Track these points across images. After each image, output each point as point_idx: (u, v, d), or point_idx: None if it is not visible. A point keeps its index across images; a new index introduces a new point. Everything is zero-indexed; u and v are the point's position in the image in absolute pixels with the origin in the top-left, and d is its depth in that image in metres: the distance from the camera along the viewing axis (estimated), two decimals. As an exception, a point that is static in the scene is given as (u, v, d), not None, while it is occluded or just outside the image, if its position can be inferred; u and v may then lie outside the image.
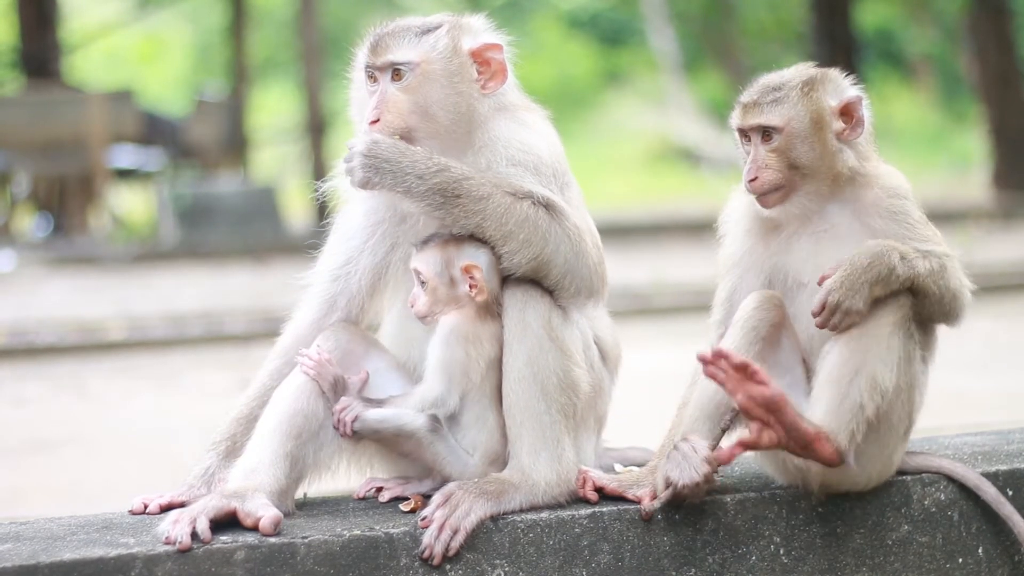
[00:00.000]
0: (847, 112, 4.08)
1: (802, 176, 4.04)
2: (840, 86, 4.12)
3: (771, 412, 3.82)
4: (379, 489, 4.11)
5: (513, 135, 4.08)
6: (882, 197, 4.08)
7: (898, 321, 3.98)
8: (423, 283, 4.02)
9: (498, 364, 4.00)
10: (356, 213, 4.19)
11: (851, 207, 4.08)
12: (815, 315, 3.95)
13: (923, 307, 4.04)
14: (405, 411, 3.98)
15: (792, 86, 4.07)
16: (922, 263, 3.99)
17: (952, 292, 4.04)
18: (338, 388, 4.02)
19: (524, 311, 3.97)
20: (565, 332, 4.00)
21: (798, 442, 3.87)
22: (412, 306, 4.04)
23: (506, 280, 4.00)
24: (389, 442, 4.02)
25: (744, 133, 4.09)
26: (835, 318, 3.93)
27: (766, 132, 4.05)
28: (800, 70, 4.15)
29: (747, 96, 4.10)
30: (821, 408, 3.94)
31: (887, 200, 4.07)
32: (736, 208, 4.21)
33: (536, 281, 3.98)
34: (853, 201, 4.08)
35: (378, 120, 4.03)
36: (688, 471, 3.88)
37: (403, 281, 4.16)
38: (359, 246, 4.17)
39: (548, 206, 3.98)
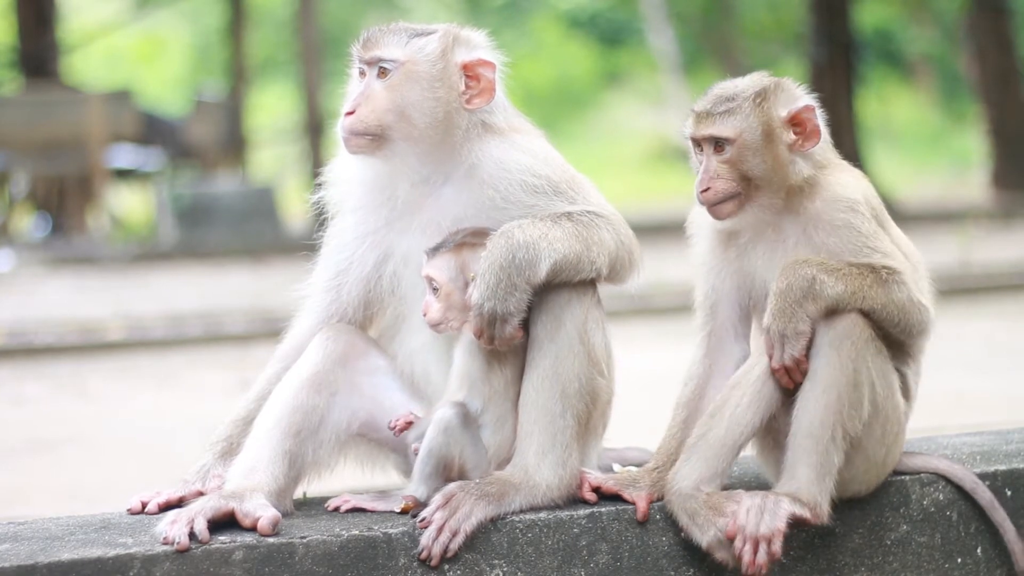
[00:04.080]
0: (798, 122, 4.03)
1: (755, 187, 4.00)
2: (792, 96, 4.06)
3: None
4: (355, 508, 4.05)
5: (520, 162, 4.05)
6: (825, 210, 4.01)
7: (859, 354, 3.93)
8: (435, 290, 4.00)
9: (522, 372, 4.00)
10: (346, 224, 4.19)
11: (800, 220, 4.03)
12: (771, 356, 3.91)
13: (876, 321, 3.97)
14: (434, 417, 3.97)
15: (744, 97, 4.02)
16: (850, 271, 3.92)
17: (898, 305, 3.95)
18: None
19: (561, 312, 3.97)
20: (596, 339, 4.00)
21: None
22: (425, 314, 4.02)
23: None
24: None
25: (697, 143, 4.06)
26: (788, 347, 3.89)
27: (718, 143, 4.02)
28: (754, 79, 4.09)
29: (700, 105, 4.05)
30: (803, 475, 3.92)
31: (830, 213, 4.01)
32: (701, 211, 4.20)
33: (572, 284, 3.99)
34: (802, 213, 4.03)
35: (353, 112, 4.03)
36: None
37: (396, 293, 4.15)
38: (348, 257, 4.16)
39: (589, 212, 4.03)
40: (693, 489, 3.94)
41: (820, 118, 4.06)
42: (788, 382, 3.93)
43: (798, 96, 4.07)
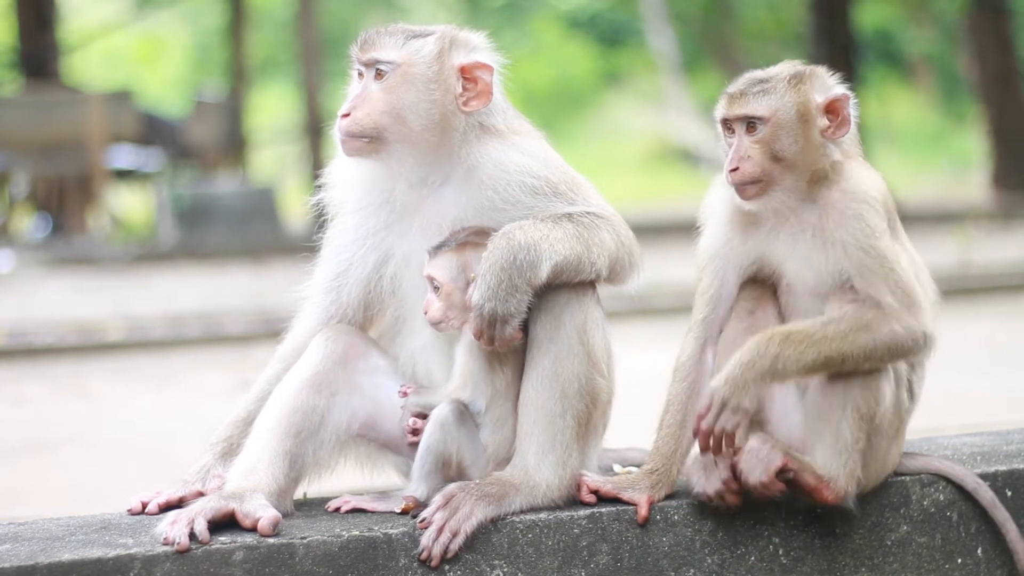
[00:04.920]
0: (832, 110, 4.05)
1: (783, 169, 4.01)
2: (827, 83, 4.09)
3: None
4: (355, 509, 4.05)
5: (519, 163, 4.04)
6: (841, 199, 4.02)
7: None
8: (437, 289, 4.01)
9: (522, 372, 4.00)
10: (346, 225, 4.19)
11: (818, 209, 4.04)
12: (700, 417, 3.90)
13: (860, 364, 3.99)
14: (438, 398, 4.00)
15: (780, 79, 4.05)
16: (824, 332, 3.91)
17: (884, 344, 3.94)
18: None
19: (561, 312, 3.97)
20: (595, 340, 4.00)
21: (801, 491, 3.96)
22: (426, 313, 4.02)
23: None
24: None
25: (728, 124, 4.07)
26: (723, 418, 3.87)
27: (751, 123, 4.02)
28: (788, 65, 4.13)
29: (734, 87, 4.08)
30: (820, 453, 3.98)
31: (845, 202, 4.02)
32: (716, 199, 4.19)
33: (572, 284, 3.99)
34: (819, 202, 4.04)
35: (349, 114, 4.04)
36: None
37: (397, 294, 4.15)
38: (348, 259, 4.16)
39: (589, 214, 4.03)
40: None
41: (853, 109, 4.09)
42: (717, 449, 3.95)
43: (833, 85, 4.10)
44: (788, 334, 3.92)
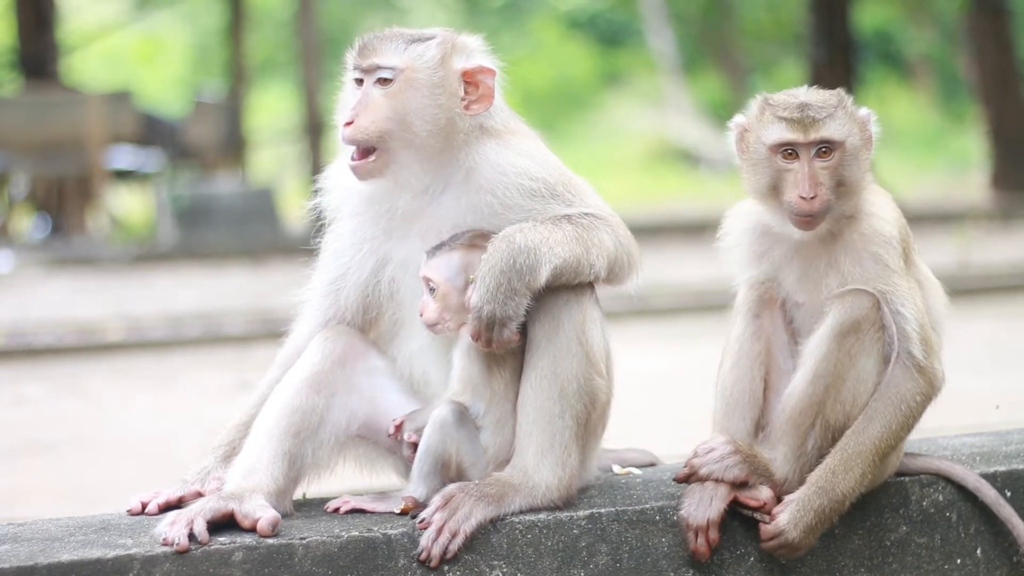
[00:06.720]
0: (864, 131, 4.05)
1: (841, 195, 3.98)
2: (856, 107, 4.08)
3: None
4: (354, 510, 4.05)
5: (517, 165, 4.04)
6: (860, 240, 4.01)
7: (867, 347, 3.98)
8: (432, 291, 4.01)
9: (520, 374, 4.00)
10: (344, 229, 4.18)
11: (838, 241, 4.03)
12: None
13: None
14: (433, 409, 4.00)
15: (836, 103, 4.00)
16: (860, 454, 3.96)
17: (918, 408, 4.03)
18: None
19: (559, 313, 3.96)
20: (594, 340, 4.00)
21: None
22: (421, 315, 4.02)
23: None
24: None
25: (790, 150, 3.97)
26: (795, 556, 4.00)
27: (823, 148, 3.97)
28: (821, 91, 4.07)
29: (797, 112, 3.96)
30: (781, 453, 4.01)
31: (864, 244, 4.00)
32: (736, 224, 4.17)
33: (570, 285, 3.99)
34: (837, 235, 4.03)
35: (352, 122, 4.02)
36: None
37: (395, 298, 4.15)
38: (346, 263, 4.16)
39: (587, 215, 4.03)
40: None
41: (876, 126, 4.09)
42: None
43: (859, 108, 4.07)
44: (832, 470, 3.94)
